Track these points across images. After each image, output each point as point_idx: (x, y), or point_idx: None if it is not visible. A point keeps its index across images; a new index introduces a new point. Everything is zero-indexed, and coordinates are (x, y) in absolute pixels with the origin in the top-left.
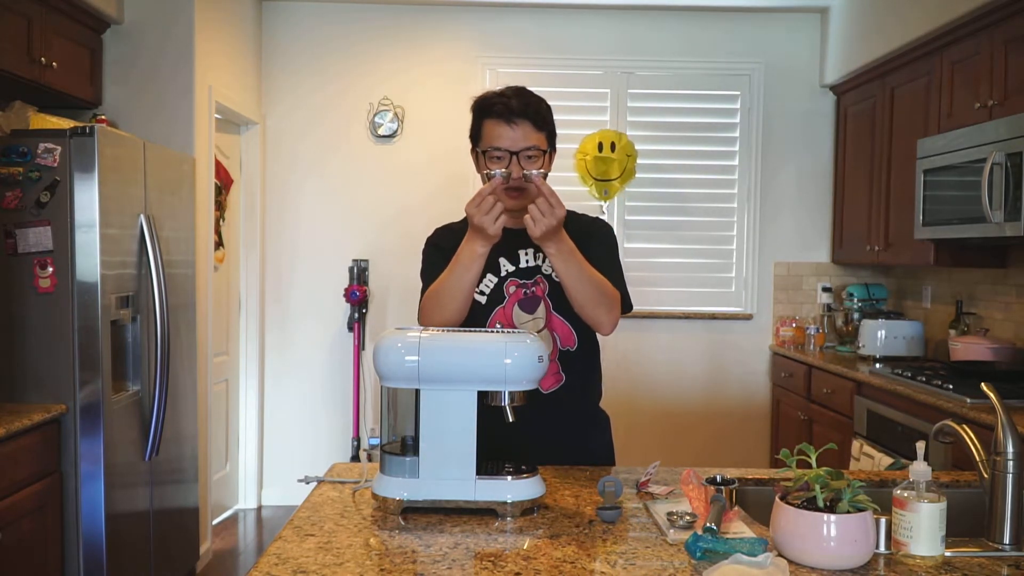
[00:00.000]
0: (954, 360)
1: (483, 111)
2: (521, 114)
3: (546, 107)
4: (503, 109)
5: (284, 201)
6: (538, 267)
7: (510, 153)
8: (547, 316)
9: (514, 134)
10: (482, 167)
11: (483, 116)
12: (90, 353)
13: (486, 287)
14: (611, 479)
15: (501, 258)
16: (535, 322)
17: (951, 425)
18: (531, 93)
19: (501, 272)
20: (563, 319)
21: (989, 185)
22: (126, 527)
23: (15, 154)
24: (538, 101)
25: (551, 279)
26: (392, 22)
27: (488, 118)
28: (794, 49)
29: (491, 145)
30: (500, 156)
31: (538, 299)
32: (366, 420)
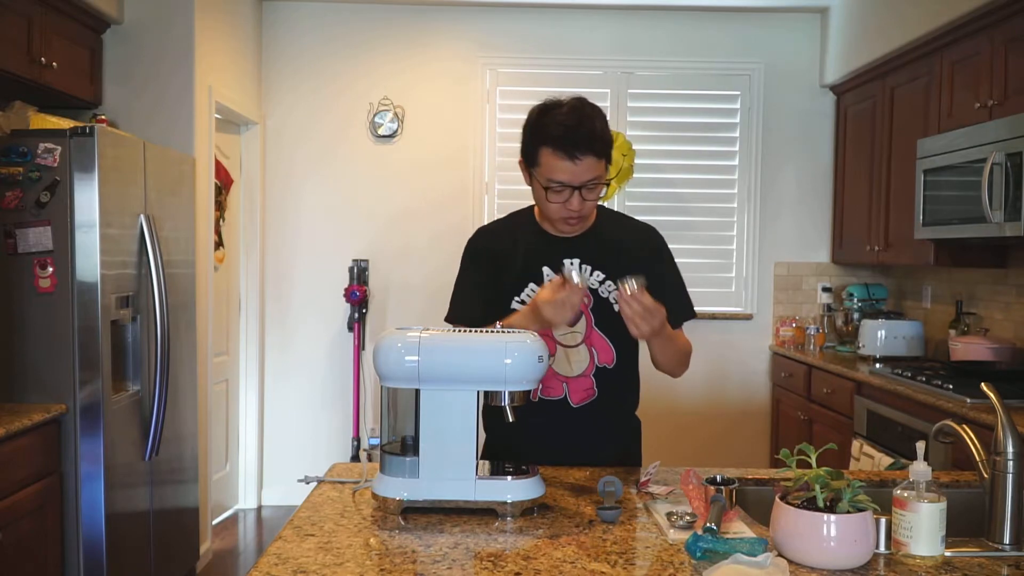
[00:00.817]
0: (954, 360)
1: (541, 137)
2: (583, 148)
3: (606, 129)
4: (566, 143)
5: (284, 201)
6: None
7: (572, 187)
8: (587, 330)
9: (577, 169)
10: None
11: (541, 142)
12: (90, 353)
13: (527, 297)
14: (611, 479)
15: (545, 267)
16: (573, 335)
17: (951, 425)
18: (591, 116)
19: (544, 281)
20: (603, 335)
21: (989, 185)
22: (126, 527)
23: (15, 154)
24: (601, 127)
25: (596, 294)
26: (392, 22)
27: (547, 146)
28: (794, 49)
29: (551, 179)
30: (560, 190)
31: (579, 312)
32: (366, 420)
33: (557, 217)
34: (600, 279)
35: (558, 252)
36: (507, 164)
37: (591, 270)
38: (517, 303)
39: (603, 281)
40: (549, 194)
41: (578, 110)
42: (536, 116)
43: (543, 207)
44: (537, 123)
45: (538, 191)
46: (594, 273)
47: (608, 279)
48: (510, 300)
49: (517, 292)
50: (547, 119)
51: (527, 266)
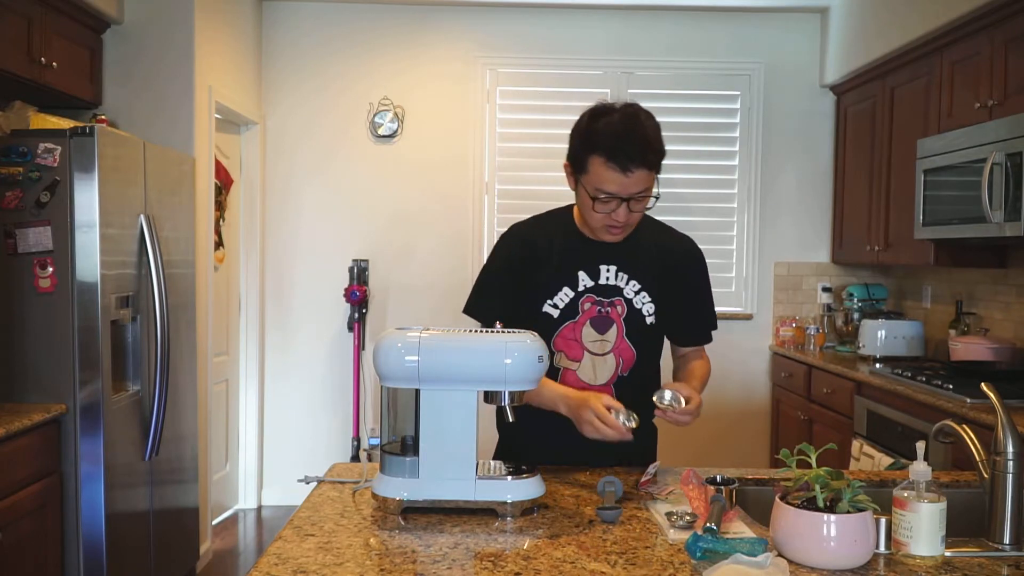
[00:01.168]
0: (954, 360)
1: (592, 145)
2: (637, 161)
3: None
4: (617, 154)
5: (284, 201)
6: (618, 288)
7: (620, 199)
8: (617, 339)
9: (627, 182)
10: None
11: (592, 150)
12: (90, 353)
13: (560, 301)
14: (611, 479)
15: (580, 271)
16: (603, 343)
17: (951, 425)
18: (646, 128)
19: (579, 287)
20: (632, 345)
21: (989, 185)
22: (126, 527)
23: (15, 154)
24: (654, 136)
25: (631, 304)
26: (392, 22)
27: (597, 155)
28: (794, 49)
29: (600, 188)
30: (607, 199)
31: (612, 321)
32: (366, 420)
33: (600, 226)
34: (636, 288)
35: (595, 257)
36: (507, 164)
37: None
38: (549, 306)
39: (639, 291)
40: (596, 204)
41: (631, 118)
42: (587, 121)
43: (587, 215)
44: (588, 129)
45: (583, 198)
46: (630, 282)
47: (643, 289)
48: (542, 303)
49: (550, 295)
50: (598, 125)
51: (562, 269)
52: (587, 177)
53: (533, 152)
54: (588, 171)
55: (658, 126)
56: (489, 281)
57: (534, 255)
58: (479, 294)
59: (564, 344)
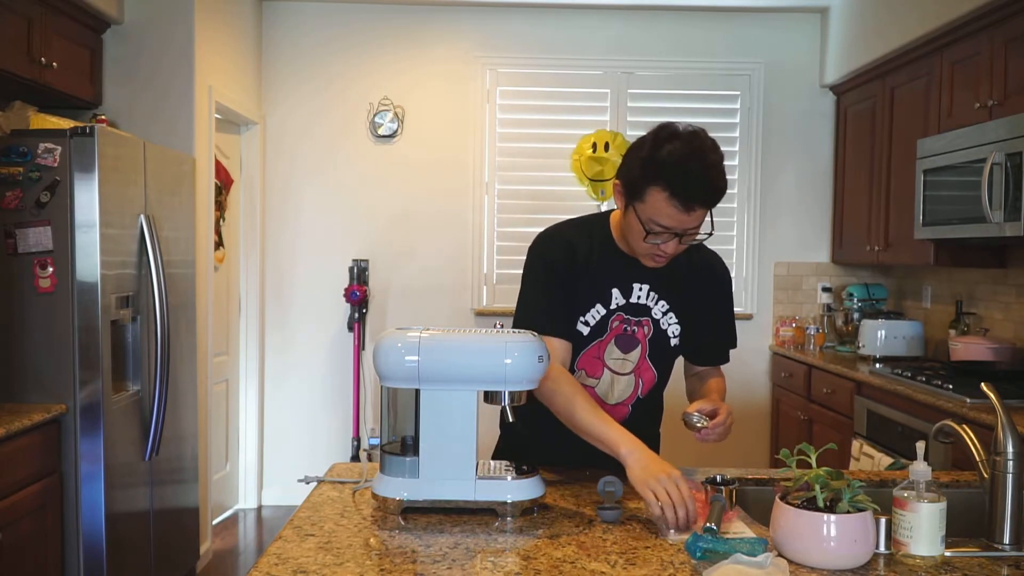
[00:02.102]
0: (954, 360)
1: (655, 176)
2: (702, 200)
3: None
4: (683, 193)
5: (284, 201)
6: (647, 307)
7: (675, 233)
8: (639, 360)
9: (686, 219)
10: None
11: (653, 181)
12: (90, 353)
13: (592, 319)
14: (611, 479)
15: (614, 288)
16: (625, 363)
17: (951, 425)
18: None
19: (611, 304)
20: (653, 368)
21: (989, 185)
22: (126, 527)
23: (15, 154)
24: (719, 175)
25: (657, 325)
26: (392, 22)
27: (658, 188)
28: (794, 49)
29: (656, 221)
30: (660, 231)
31: (637, 341)
32: (366, 420)
33: (644, 253)
34: (664, 309)
35: (629, 274)
36: (507, 164)
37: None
38: (581, 324)
39: (667, 312)
40: (648, 236)
41: (699, 152)
42: (650, 147)
43: (633, 241)
44: (651, 157)
45: (633, 224)
46: (659, 303)
47: (671, 311)
48: (575, 319)
49: (583, 311)
50: (662, 154)
51: (596, 285)
52: (642, 206)
53: (533, 152)
54: (645, 200)
55: (722, 158)
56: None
57: (574, 263)
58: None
59: (586, 362)
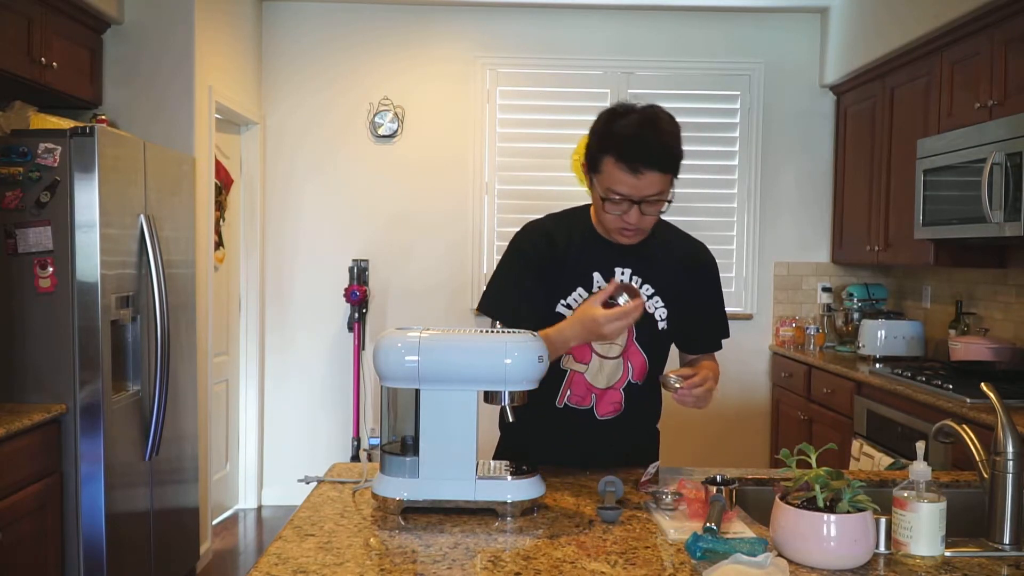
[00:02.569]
0: (954, 360)
1: (606, 145)
2: (649, 163)
3: (676, 142)
4: (631, 157)
5: (284, 201)
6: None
7: (631, 201)
8: (627, 344)
9: (639, 183)
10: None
11: (606, 151)
12: (90, 353)
13: (574, 302)
14: (611, 479)
15: (595, 272)
16: (612, 347)
17: (951, 425)
18: (663, 130)
19: (593, 288)
20: (641, 351)
21: (989, 185)
22: (126, 527)
23: (15, 154)
24: (671, 140)
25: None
26: (392, 22)
27: (610, 155)
28: (794, 49)
29: (611, 189)
30: (619, 201)
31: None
32: (366, 420)
33: (613, 228)
34: (650, 293)
35: (610, 259)
36: (507, 164)
37: (641, 282)
38: (563, 307)
39: (651, 296)
40: (607, 204)
41: (648, 119)
42: (604, 121)
43: (600, 215)
44: (603, 130)
45: (596, 199)
46: (644, 286)
47: (657, 294)
48: (556, 303)
49: (564, 296)
50: (614, 126)
51: (577, 270)
52: (600, 177)
53: (533, 152)
54: (601, 171)
55: (677, 129)
56: (505, 276)
57: (552, 252)
58: (495, 290)
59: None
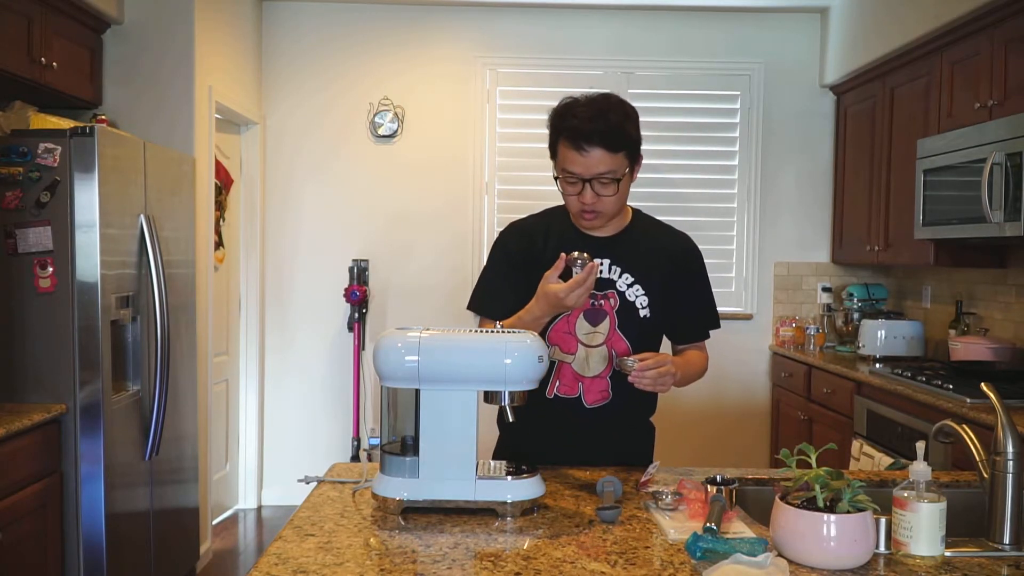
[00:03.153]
0: (954, 360)
1: (557, 128)
2: (592, 140)
3: (628, 122)
4: (573, 133)
5: (284, 201)
6: (612, 281)
7: (582, 179)
8: (609, 331)
9: (586, 161)
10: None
11: (557, 134)
12: (90, 353)
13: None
14: (611, 479)
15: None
16: (595, 335)
17: (951, 425)
18: (608, 109)
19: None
20: (624, 338)
21: (989, 185)
22: (126, 527)
23: (15, 154)
24: (618, 120)
25: (623, 297)
26: (392, 22)
27: (562, 136)
28: (794, 49)
29: (565, 169)
30: (573, 181)
31: (604, 313)
32: (366, 420)
33: (574, 211)
34: (629, 281)
35: (590, 251)
36: (507, 164)
37: (620, 272)
38: None
39: (632, 284)
40: (562, 184)
41: (596, 103)
42: (557, 108)
43: (564, 201)
44: (556, 115)
45: (559, 186)
46: (623, 276)
47: (637, 283)
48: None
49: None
50: (566, 110)
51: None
52: (557, 161)
53: (533, 152)
54: (557, 155)
55: (628, 112)
56: (491, 277)
57: (534, 249)
58: (483, 291)
59: (559, 338)
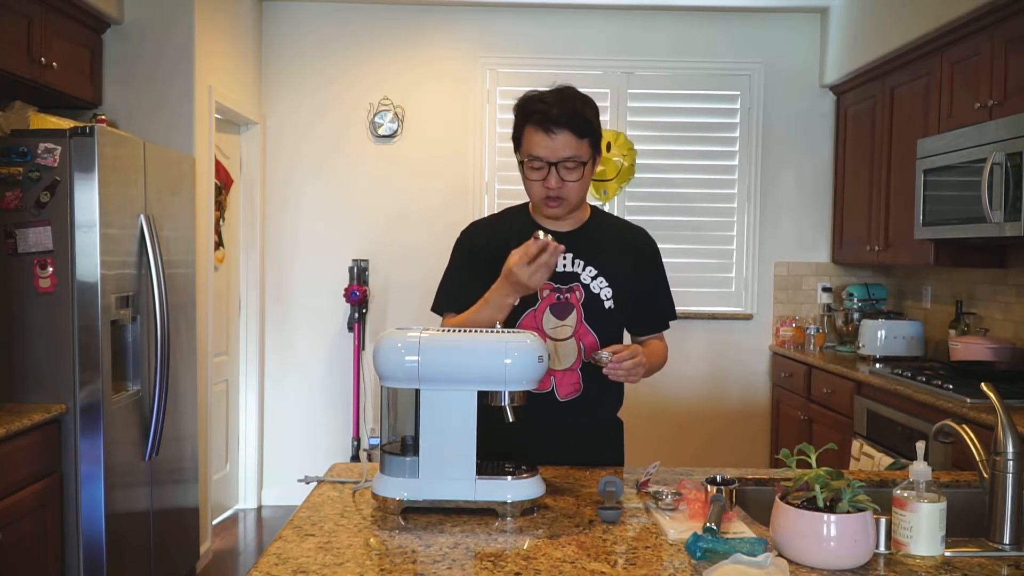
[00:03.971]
0: (954, 360)
1: (524, 116)
2: (561, 123)
3: (592, 110)
4: (542, 117)
5: (284, 201)
6: (576, 274)
7: (548, 164)
8: (576, 324)
9: (553, 144)
10: (523, 174)
11: (523, 121)
12: (90, 353)
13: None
14: (611, 479)
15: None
16: (563, 329)
17: (951, 425)
18: (574, 96)
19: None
20: (592, 330)
21: (989, 185)
22: (126, 527)
23: (15, 154)
24: (582, 105)
25: (588, 289)
26: (392, 22)
27: (528, 124)
28: (794, 49)
29: (530, 154)
30: (539, 166)
31: (571, 306)
32: (366, 420)
33: (539, 198)
34: (593, 274)
35: None
36: (507, 164)
37: (583, 265)
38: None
39: (595, 277)
40: (528, 170)
41: (561, 91)
42: (522, 98)
43: (528, 190)
44: (522, 103)
45: (523, 174)
46: (587, 268)
47: (600, 275)
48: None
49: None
50: (530, 98)
51: None
52: (522, 149)
53: None
54: (523, 142)
55: (591, 104)
56: (454, 275)
57: (493, 244)
58: (445, 289)
59: None
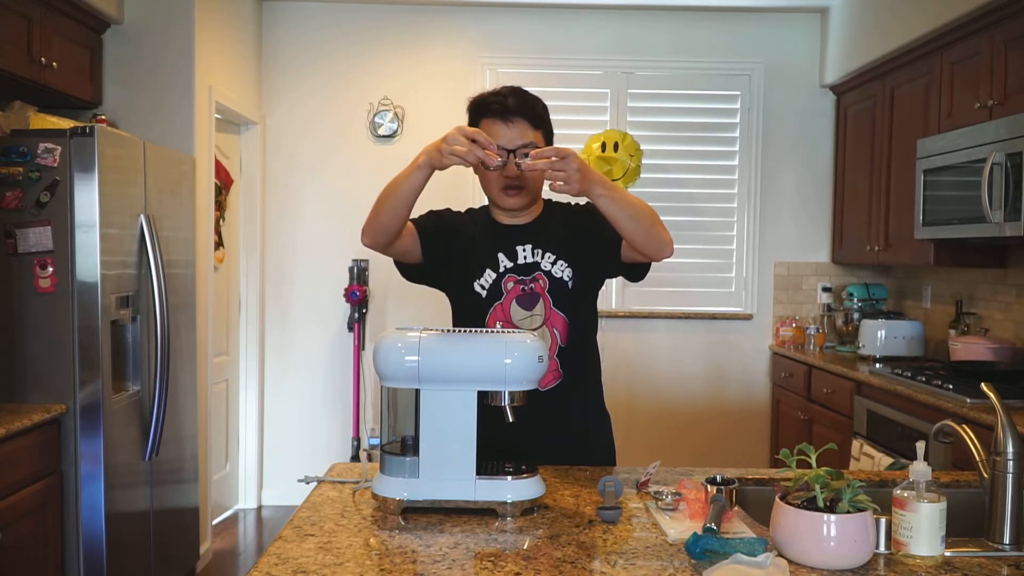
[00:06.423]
0: (954, 360)
1: (479, 110)
2: (517, 112)
3: (543, 106)
4: (499, 108)
5: (284, 201)
6: (536, 264)
7: (507, 151)
8: (546, 312)
9: (510, 132)
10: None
11: (480, 115)
12: (90, 353)
13: (485, 282)
14: (611, 479)
15: (500, 254)
16: (533, 319)
17: (951, 425)
18: (526, 92)
19: (500, 268)
20: (562, 314)
21: (989, 185)
22: (126, 527)
23: (15, 154)
24: (534, 100)
25: (550, 275)
26: (392, 22)
27: (485, 117)
28: (794, 49)
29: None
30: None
31: (537, 295)
32: (366, 420)
33: (497, 189)
34: (552, 260)
35: (510, 240)
36: None
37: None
38: (478, 286)
39: (555, 261)
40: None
41: (512, 87)
42: (475, 98)
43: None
44: (477, 100)
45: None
46: (546, 256)
47: (560, 259)
48: (471, 282)
49: (477, 276)
50: (485, 96)
51: (483, 253)
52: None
53: None
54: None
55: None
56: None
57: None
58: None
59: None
